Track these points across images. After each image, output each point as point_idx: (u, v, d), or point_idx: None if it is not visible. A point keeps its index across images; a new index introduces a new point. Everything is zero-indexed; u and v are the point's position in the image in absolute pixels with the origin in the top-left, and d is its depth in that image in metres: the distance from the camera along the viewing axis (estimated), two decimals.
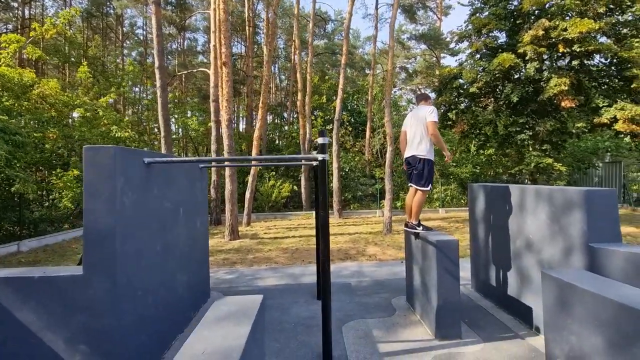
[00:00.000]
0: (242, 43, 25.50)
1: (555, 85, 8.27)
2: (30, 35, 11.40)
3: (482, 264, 4.41)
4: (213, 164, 8.49)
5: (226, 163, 8.54)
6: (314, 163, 2.89)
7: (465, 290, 4.66)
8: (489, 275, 4.24)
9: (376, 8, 17.42)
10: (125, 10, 22.79)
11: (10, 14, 21.58)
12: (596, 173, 16.62)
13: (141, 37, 26.27)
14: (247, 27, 19.19)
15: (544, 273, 2.14)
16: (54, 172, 10.69)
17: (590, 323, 1.75)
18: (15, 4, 21.06)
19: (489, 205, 4.22)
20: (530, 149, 9.82)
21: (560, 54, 8.79)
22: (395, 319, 3.83)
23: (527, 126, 9.38)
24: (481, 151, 13.79)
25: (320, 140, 2.90)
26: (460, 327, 3.35)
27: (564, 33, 8.04)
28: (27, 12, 21.78)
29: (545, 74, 8.92)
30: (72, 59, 18.41)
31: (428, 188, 3.73)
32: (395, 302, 4.32)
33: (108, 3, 22.52)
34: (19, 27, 20.37)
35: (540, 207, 3.25)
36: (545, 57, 9.23)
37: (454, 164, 16.38)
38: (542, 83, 8.93)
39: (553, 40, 8.43)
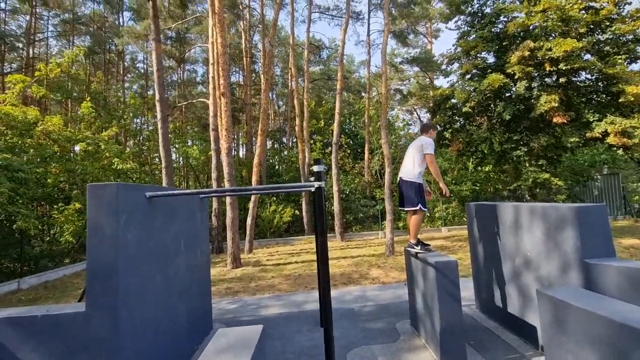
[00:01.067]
0: (241, 72, 26.28)
1: (546, 102, 8.50)
2: (35, 75, 11.82)
3: (484, 284, 4.39)
4: (211, 195, 8.59)
5: (226, 194, 8.61)
6: (312, 189, 2.96)
7: (470, 310, 4.61)
8: (492, 295, 4.22)
9: (368, 35, 18.10)
10: (127, 46, 23.65)
11: (15, 54, 22.41)
12: (596, 186, 16.67)
13: (142, 71, 27.10)
14: (244, 58, 19.85)
15: (539, 292, 2.17)
16: (55, 206, 10.78)
17: (585, 341, 1.77)
18: (20, 45, 21.92)
19: (486, 224, 4.26)
20: (527, 164, 9.94)
21: (547, 72, 9.08)
22: (400, 345, 3.78)
23: (521, 142, 9.55)
24: (479, 168, 13.91)
25: (315, 168, 2.98)
26: (466, 350, 3.31)
27: (549, 53, 8.37)
28: (31, 52, 22.61)
29: (535, 91, 9.18)
30: (75, 94, 18.94)
31: (418, 207, 3.82)
32: (400, 327, 4.27)
33: (110, 40, 23.42)
34: (24, 67, 21.09)
35: (535, 224, 3.29)
36: (533, 75, 9.53)
37: (454, 182, 16.46)
38: (532, 100, 9.18)
39: (539, 59, 8.75)
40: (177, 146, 20.12)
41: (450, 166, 16.36)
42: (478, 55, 10.55)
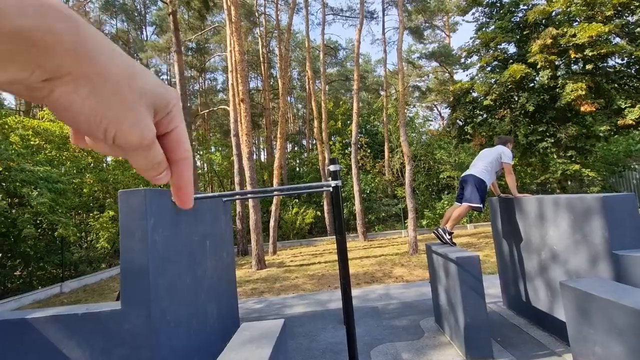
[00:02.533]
0: (259, 78, 26.78)
1: (572, 91, 8.16)
2: None
3: (511, 280, 4.29)
4: (233, 197, 8.84)
5: (248, 196, 8.83)
6: (329, 189, 3.02)
7: (497, 307, 4.52)
8: (519, 291, 4.11)
9: (383, 33, 17.99)
10: (151, 60, 24.68)
11: None
12: (634, 176, 15.72)
13: (166, 82, 28.13)
14: (262, 64, 20.24)
15: (562, 284, 2.12)
16: (91, 214, 11.41)
17: (611, 332, 1.72)
18: None
19: (510, 218, 4.17)
20: (555, 156, 9.55)
21: (573, 60, 8.71)
22: (425, 341, 3.77)
23: (547, 134, 9.19)
24: None
25: (331, 168, 3.03)
26: (492, 347, 3.26)
27: (574, 39, 8.03)
28: None
29: (560, 80, 8.82)
30: None
31: (478, 205, 3.86)
32: (424, 324, 4.25)
33: (135, 55, 24.52)
34: None
35: (561, 217, 3.20)
36: (558, 63, 9.16)
37: None
38: (557, 90, 8.82)
39: (563, 46, 8.40)
40: (200, 153, 20.76)
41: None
42: (498, 46, 10.25)
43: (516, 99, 9.82)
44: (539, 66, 8.77)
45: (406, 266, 8.08)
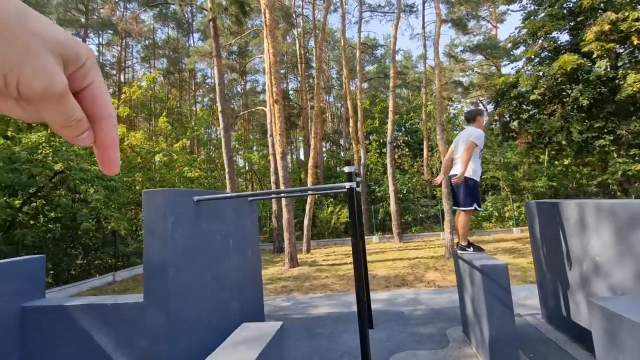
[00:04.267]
0: (298, 79, 27.16)
1: (635, 82, 7.26)
2: (122, 98, 13.68)
3: (550, 291, 3.94)
4: (256, 197, 9.09)
5: (272, 196, 9.02)
6: (344, 190, 2.98)
7: (534, 320, 4.18)
8: (559, 304, 3.76)
9: (423, 27, 17.36)
10: (197, 64, 26.06)
11: (110, 81, 26.21)
12: None
13: (211, 85, 29.58)
14: (299, 64, 20.49)
15: (589, 301, 1.89)
16: (141, 209, 12.33)
17: None
18: (114, 72, 25.61)
19: (548, 224, 3.82)
20: (615, 155, 8.59)
21: (636, 47, 7.75)
22: (449, 352, 3.59)
23: (605, 130, 8.28)
24: (556, 162, 12.39)
25: (346, 169, 3.00)
26: None
27: (637, 23, 7.12)
28: (122, 77, 26.22)
29: (621, 70, 7.90)
30: (158, 111, 21.49)
31: (471, 208, 3.59)
32: (450, 333, 4.05)
33: (182, 60, 26.07)
34: (117, 91, 24.51)
35: (603, 224, 2.88)
36: (619, 51, 8.20)
37: (526, 178, 14.91)
38: (617, 81, 7.90)
39: (624, 32, 7.50)
40: (241, 152, 21.55)
41: (520, 160, 14.87)
42: (547, 35, 9.39)
43: (568, 92, 8.95)
44: (594, 55, 7.91)
45: (440, 270, 7.75)
